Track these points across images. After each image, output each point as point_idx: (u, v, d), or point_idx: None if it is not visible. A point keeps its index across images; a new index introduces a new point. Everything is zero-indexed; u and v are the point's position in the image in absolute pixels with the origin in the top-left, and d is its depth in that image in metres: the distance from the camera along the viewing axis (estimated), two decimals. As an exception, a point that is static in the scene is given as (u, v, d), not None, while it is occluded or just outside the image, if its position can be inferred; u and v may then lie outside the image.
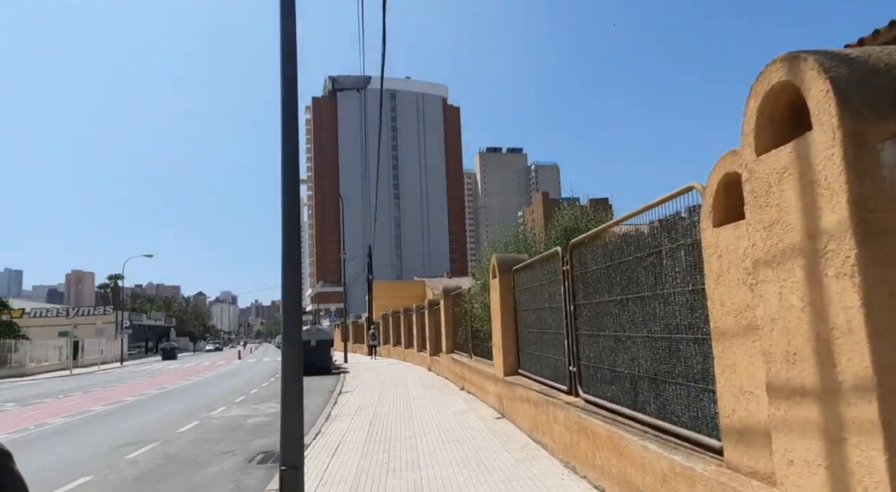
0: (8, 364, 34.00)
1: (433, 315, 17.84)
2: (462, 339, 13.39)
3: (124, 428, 10.18)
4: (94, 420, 11.66)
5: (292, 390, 4.25)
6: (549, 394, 6.44)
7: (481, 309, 10.82)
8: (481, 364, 10.88)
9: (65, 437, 9.72)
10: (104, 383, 23.13)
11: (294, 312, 4.29)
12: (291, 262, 4.29)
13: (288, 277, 4.29)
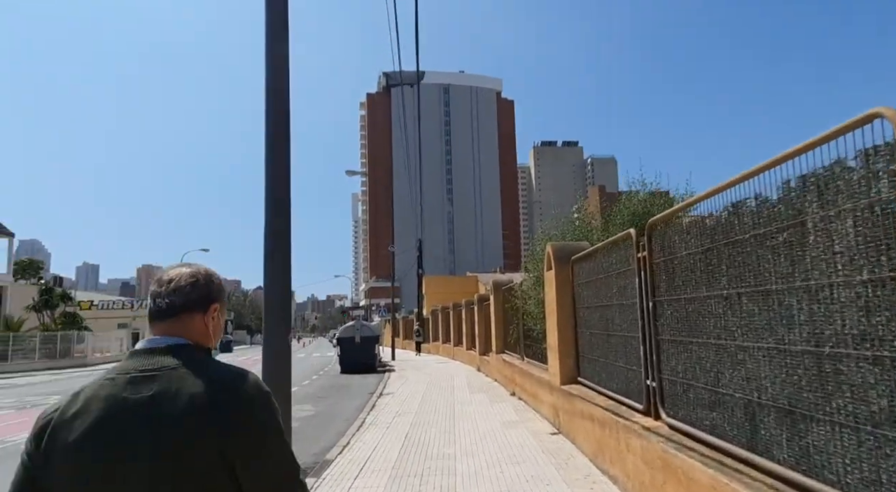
0: (71, 354, 35.23)
1: (482, 311, 16.63)
2: (513, 338, 12.14)
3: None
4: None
5: (282, 391, 3.18)
6: (619, 413, 5.14)
7: (534, 305, 9.55)
8: (534, 368, 9.61)
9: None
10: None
11: (279, 309, 3.21)
12: (277, 245, 3.23)
13: (272, 264, 3.23)
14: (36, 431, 1.12)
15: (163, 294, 1.23)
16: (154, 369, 1.12)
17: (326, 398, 12.64)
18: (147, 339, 1.22)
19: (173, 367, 1.12)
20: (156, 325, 1.24)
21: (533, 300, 9.53)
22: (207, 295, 1.27)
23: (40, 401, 15.11)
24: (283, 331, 3.17)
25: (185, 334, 1.22)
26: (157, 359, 1.14)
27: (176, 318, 1.23)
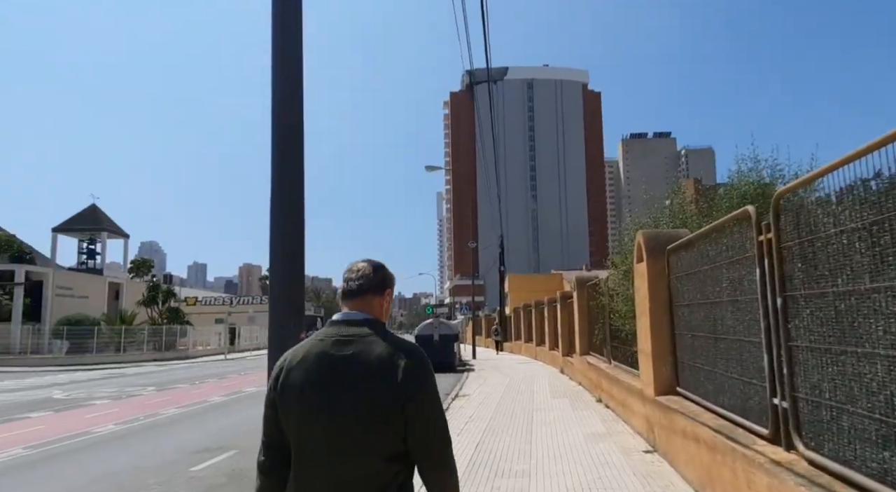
0: (175, 347, 37.61)
1: (566, 310, 15.54)
2: (598, 339, 11.03)
3: (215, 428, 9.43)
4: (197, 416, 11.20)
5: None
6: (735, 437, 4.08)
7: (623, 303, 8.46)
8: (623, 373, 8.52)
9: (143, 438, 9.14)
10: (243, 370, 24.04)
11: (285, 308, 2.57)
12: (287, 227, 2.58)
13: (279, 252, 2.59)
14: (276, 373, 1.56)
15: (353, 279, 1.65)
16: (351, 335, 1.54)
17: None
18: (343, 312, 1.62)
19: (364, 335, 1.55)
20: (347, 302, 1.64)
21: (621, 297, 8.44)
22: (383, 281, 1.68)
23: (136, 392, 15.84)
24: (288, 334, 2.52)
25: (368, 310, 1.62)
26: (352, 328, 1.56)
27: (362, 298, 1.63)
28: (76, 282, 41.46)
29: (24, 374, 24.91)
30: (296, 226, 2.59)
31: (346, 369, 1.48)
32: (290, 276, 2.56)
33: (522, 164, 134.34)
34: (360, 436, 1.45)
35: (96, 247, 47.38)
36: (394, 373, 1.46)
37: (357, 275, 1.66)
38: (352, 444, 1.45)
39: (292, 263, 2.56)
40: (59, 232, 46.68)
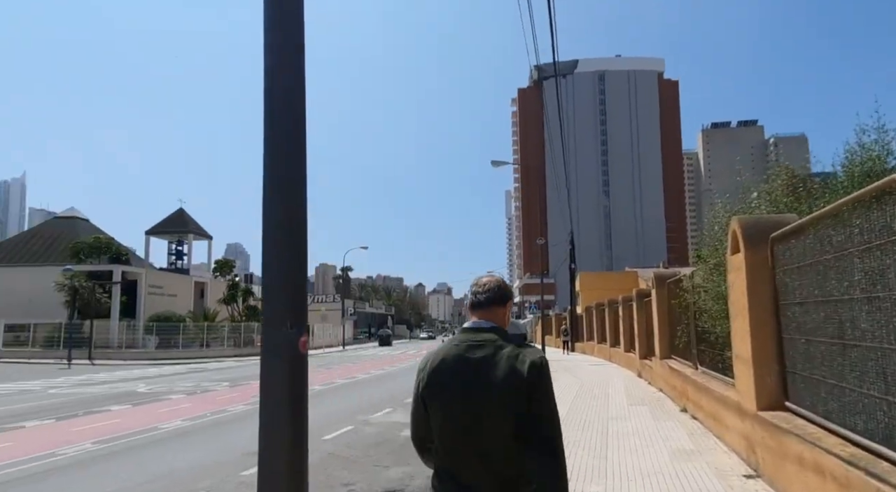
0: (253, 344, 38.92)
1: (643, 309, 14.39)
2: (682, 341, 9.94)
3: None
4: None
5: (281, 432, 1.95)
6: (878, 472, 3.16)
7: (713, 301, 7.43)
8: (713, 381, 7.49)
9: (205, 436, 9.01)
10: (314, 367, 24.33)
11: (280, 308, 1.99)
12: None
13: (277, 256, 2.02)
14: (420, 371, 1.88)
15: (480, 293, 1.94)
16: (481, 341, 1.80)
17: None
18: (472, 321, 1.91)
19: (492, 340, 1.80)
20: (475, 312, 1.93)
21: (710, 295, 7.42)
22: (504, 295, 1.96)
23: (211, 387, 16.19)
24: (285, 325, 1.95)
25: (493, 319, 1.90)
26: (481, 335, 1.83)
27: (488, 309, 1.92)
28: (166, 281, 43.96)
29: (117, 367, 26.48)
30: (296, 208, 2.02)
31: (479, 370, 1.75)
32: (288, 269, 1.99)
33: (594, 159, 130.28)
34: (493, 424, 1.71)
35: (184, 248, 50.17)
36: (519, 373, 1.72)
37: (484, 289, 1.94)
38: (487, 430, 1.72)
39: (290, 253, 1.99)
40: (151, 235, 49.83)
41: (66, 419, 10.36)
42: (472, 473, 1.73)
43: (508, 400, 1.69)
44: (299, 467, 1.93)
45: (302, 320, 2.00)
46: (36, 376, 21.05)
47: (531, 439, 1.70)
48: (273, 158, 2.03)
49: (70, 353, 28.78)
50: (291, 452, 1.92)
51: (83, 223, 49.36)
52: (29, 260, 41.84)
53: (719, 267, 7.17)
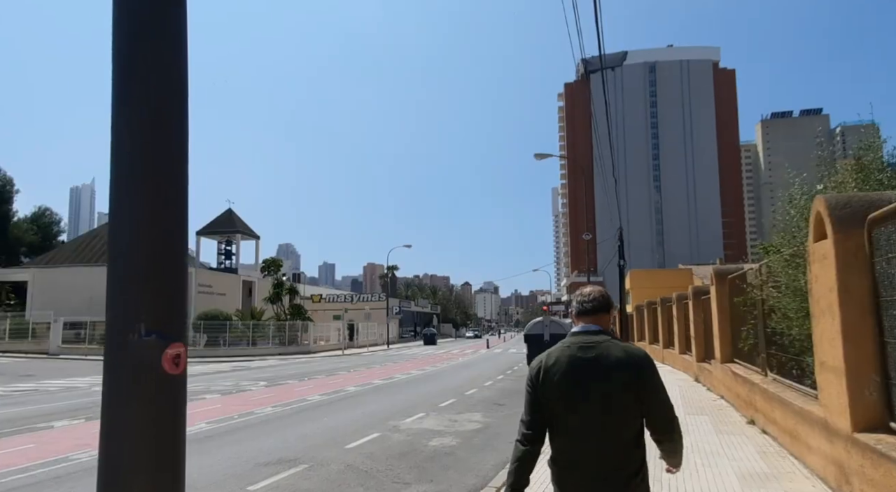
0: (297, 342, 39.18)
1: (700, 308, 13.18)
2: (748, 344, 8.81)
3: (295, 435, 8.62)
4: (286, 417, 10.60)
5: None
6: None
7: (788, 298, 6.37)
8: (788, 391, 6.44)
9: (222, 442, 8.53)
10: (354, 366, 23.95)
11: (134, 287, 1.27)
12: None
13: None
14: (535, 371, 2.13)
15: (587, 301, 2.20)
16: (592, 343, 2.08)
17: (502, 407, 10.74)
18: (581, 326, 2.17)
19: (602, 342, 2.08)
20: (583, 318, 2.19)
21: (787, 291, 6.35)
22: (608, 303, 2.23)
23: (249, 386, 15.96)
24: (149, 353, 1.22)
25: (599, 324, 2.16)
26: (591, 337, 2.11)
27: (595, 315, 2.18)
28: (215, 280, 44.89)
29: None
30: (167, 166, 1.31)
31: (593, 368, 2.05)
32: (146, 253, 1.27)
33: (644, 153, 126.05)
34: (609, 417, 2.02)
35: (232, 248, 51.22)
36: (629, 369, 2.04)
37: (589, 299, 2.24)
38: (605, 422, 2.02)
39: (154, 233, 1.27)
40: (201, 235, 51.11)
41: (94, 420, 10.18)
42: (597, 460, 2.02)
43: (626, 392, 2.02)
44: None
45: (171, 326, 1.28)
46: (87, 373, 21.51)
47: (652, 422, 2.08)
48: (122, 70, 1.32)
49: (122, 350, 29.47)
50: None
51: (139, 224, 51.10)
52: (90, 260, 43.55)
53: (797, 258, 6.12)
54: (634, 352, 2.08)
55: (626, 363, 2.02)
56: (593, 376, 2.01)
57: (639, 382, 2.01)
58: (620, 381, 2.00)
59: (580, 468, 2.03)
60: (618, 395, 2.00)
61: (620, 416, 2.01)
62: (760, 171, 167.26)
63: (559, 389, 2.03)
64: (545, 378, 2.08)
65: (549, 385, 2.06)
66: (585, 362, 2.03)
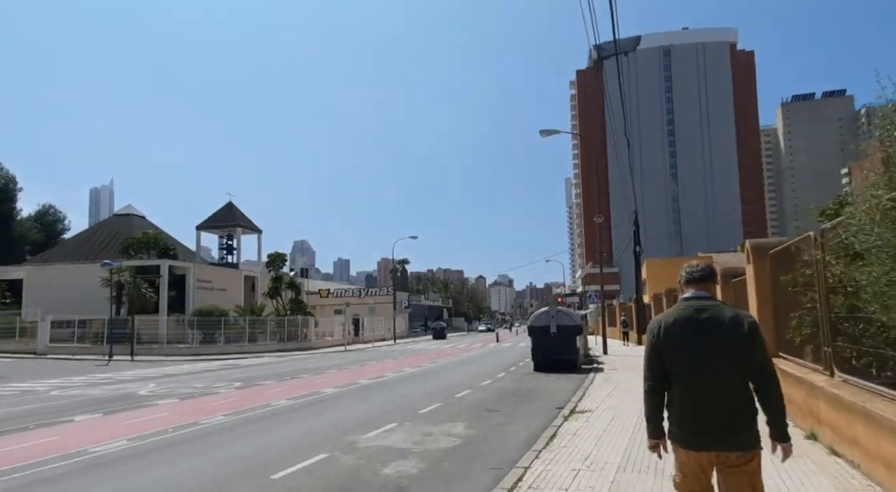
0: (297, 338, 37.63)
1: (731, 293, 11.20)
2: (801, 334, 6.85)
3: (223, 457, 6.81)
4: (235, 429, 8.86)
5: None
6: None
7: (882, 266, 4.39)
8: (872, 397, 4.51)
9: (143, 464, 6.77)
10: (348, 364, 22.25)
11: None
12: None
13: None
14: (654, 330, 2.63)
15: (696, 271, 2.70)
16: (704, 306, 2.57)
17: (494, 413, 8.87)
18: (692, 292, 2.66)
19: (714, 305, 2.57)
20: (692, 285, 2.69)
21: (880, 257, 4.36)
22: (714, 274, 2.71)
23: (219, 388, 14.29)
24: None
25: (707, 290, 2.66)
26: (703, 302, 2.59)
27: (703, 283, 2.67)
28: (215, 275, 43.55)
29: (153, 364, 25.45)
30: None
31: (709, 326, 2.52)
32: None
33: (659, 140, 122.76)
34: (725, 368, 2.49)
35: (233, 242, 49.88)
36: (740, 328, 2.50)
37: (698, 269, 2.74)
38: (720, 372, 2.49)
39: None
40: (201, 229, 49.78)
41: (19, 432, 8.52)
42: (707, 397, 2.52)
43: (735, 346, 2.50)
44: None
45: None
46: (62, 374, 20.05)
47: (756, 376, 2.52)
48: None
49: (111, 349, 28.16)
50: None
51: (139, 220, 49.95)
52: (86, 257, 42.43)
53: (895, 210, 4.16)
54: (743, 316, 2.58)
55: (737, 323, 2.53)
56: (710, 331, 2.53)
57: (749, 338, 2.51)
58: (733, 337, 2.51)
59: (698, 407, 2.53)
60: (730, 348, 2.50)
61: (730, 364, 2.50)
62: (781, 156, 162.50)
63: (680, 345, 2.57)
64: (666, 335, 2.62)
65: (670, 341, 2.60)
66: (702, 322, 2.55)
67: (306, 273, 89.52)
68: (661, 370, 2.60)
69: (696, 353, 2.51)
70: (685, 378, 2.54)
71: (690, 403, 2.53)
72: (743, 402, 2.50)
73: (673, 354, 2.56)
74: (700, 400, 2.51)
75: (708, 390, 2.50)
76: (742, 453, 2.47)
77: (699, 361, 2.51)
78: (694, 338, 2.52)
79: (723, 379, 2.49)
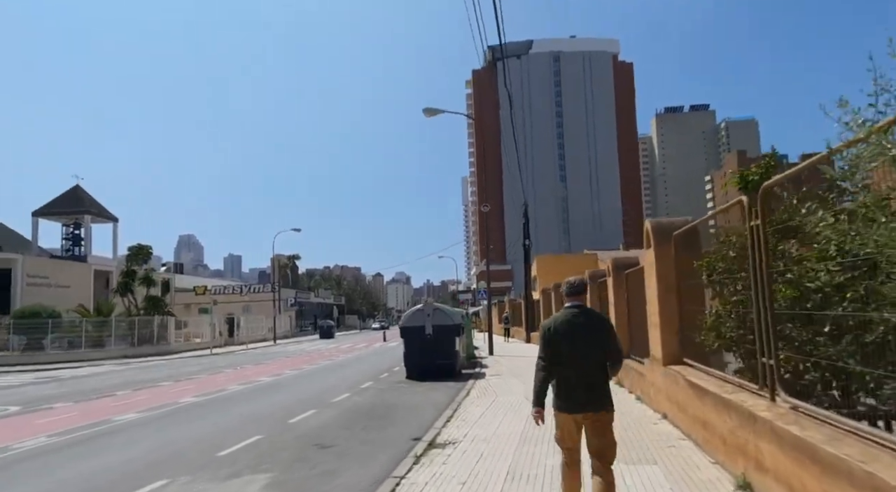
0: (153, 341, 32.78)
1: (623, 286, 9.72)
2: (724, 334, 5.20)
3: None
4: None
5: None
6: None
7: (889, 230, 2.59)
8: (845, 438, 2.72)
9: None
10: (195, 373, 18.80)
11: None
12: None
13: None
14: (548, 328, 3.75)
15: (575, 285, 3.88)
16: (580, 312, 3.75)
17: (324, 452, 6.42)
18: (571, 302, 3.82)
19: (586, 310, 3.81)
20: (571, 297, 3.84)
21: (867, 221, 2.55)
22: (585, 288, 3.97)
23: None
24: None
25: (581, 300, 3.85)
26: (580, 309, 3.78)
27: (578, 295, 3.85)
28: (55, 270, 37.22)
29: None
30: None
31: (583, 326, 3.68)
32: None
33: (550, 143, 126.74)
34: (593, 354, 3.64)
35: (81, 232, 43.20)
36: (603, 328, 3.75)
37: (575, 284, 3.89)
38: (590, 357, 3.64)
39: None
40: (39, 216, 42.59)
41: None
42: (581, 384, 3.63)
43: (601, 340, 3.69)
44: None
45: None
46: None
47: (611, 356, 3.72)
48: None
49: None
50: None
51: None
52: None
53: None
54: (603, 318, 4.02)
55: (601, 325, 3.80)
56: (585, 331, 3.68)
57: (607, 336, 3.74)
58: (599, 334, 3.71)
59: (575, 382, 3.65)
60: (598, 341, 3.68)
61: (598, 350, 3.67)
62: (656, 163, 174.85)
63: (565, 337, 3.66)
64: (556, 331, 3.70)
65: (558, 335, 3.67)
66: (579, 323, 3.69)
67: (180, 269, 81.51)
68: (552, 358, 3.67)
69: (576, 345, 3.66)
70: (567, 363, 3.66)
71: (571, 380, 3.66)
72: (603, 378, 3.71)
73: (560, 346, 3.67)
74: (577, 378, 3.65)
75: (582, 371, 3.65)
76: (605, 412, 3.65)
77: (577, 351, 3.65)
78: (574, 335, 3.67)
79: (592, 363, 3.67)
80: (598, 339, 3.64)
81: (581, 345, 3.60)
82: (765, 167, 5.39)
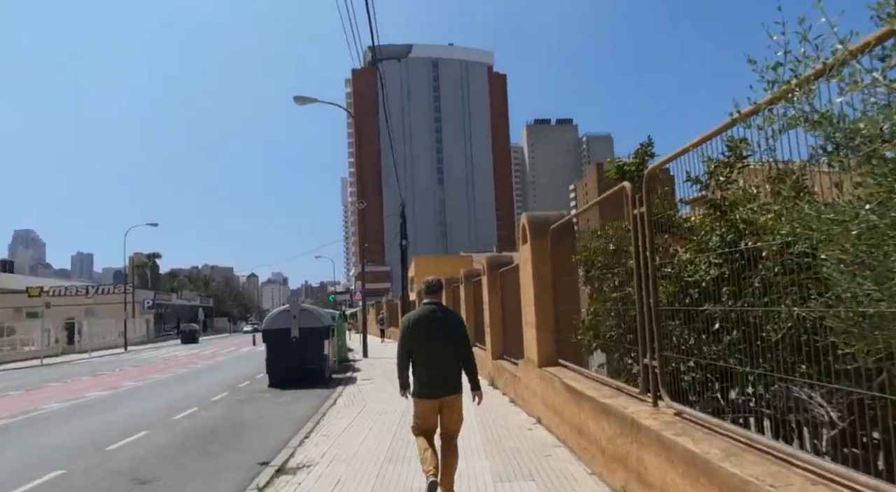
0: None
1: (497, 285, 9.41)
2: (602, 333, 4.89)
3: None
4: None
5: None
6: None
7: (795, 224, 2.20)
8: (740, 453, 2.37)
9: None
10: (24, 386, 15.78)
11: None
12: None
13: None
14: (407, 324, 4.29)
15: (433, 284, 4.51)
16: (437, 309, 4.33)
17: (142, 488, 5.24)
18: (429, 299, 4.42)
19: (444, 308, 4.46)
20: (429, 295, 4.46)
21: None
22: (442, 287, 4.67)
23: None
24: None
25: (438, 298, 4.48)
26: (437, 306, 4.37)
27: (435, 293, 4.48)
28: None
29: None
30: None
31: (439, 324, 4.20)
32: None
33: (429, 146, 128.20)
34: (447, 350, 4.15)
35: None
36: (457, 326, 4.36)
37: (432, 283, 4.46)
38: (444, 353, 4.15)
39: None
40: None
41: None
42: (438, 373, 4.13)
43: (454, 337, 4.19)
44: None
45: None
46: None
47: (462, 356, 4.22)
48: None
49: None
50: None
51: None
52: None
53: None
54: (458, 317, 4.65)
55: (455, 323, 4.39)
56: (439, 328, 4.18)
57: (460, 333, 4.31)
58: (453, 331, 4.24)
59: (431, 377, 4.13)
60: (451, 338, 4.19)
61: (452, 348, 4.18)
62: (527, 171, 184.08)
63: (422, 333, 4.16)
64: (413, 326, 4.20)
65: (415, 330, 4.17)
66: (435, 320, 4.20)
67: (10, 267, 70.53)
68: (408, 348, 4.19)
69: (432, 339, 4.16)
70: (424, 355, 4.15)
71: (428, 371, 4.16)
72: (455, 368, 4.21)
73: (419, 340, 4.17)
74: (433, 369, 4.14)
75: (438, 362, 4.14)
76: (455, 396, 4.18)
77: (433, 344, 4.15)
78: (430, 329, 4.17)
79: (445, 355, 4.16)
80: (451, 333, 4.20)
81: (437, 337, 4.15)
82: (640, 157, 5.18)
